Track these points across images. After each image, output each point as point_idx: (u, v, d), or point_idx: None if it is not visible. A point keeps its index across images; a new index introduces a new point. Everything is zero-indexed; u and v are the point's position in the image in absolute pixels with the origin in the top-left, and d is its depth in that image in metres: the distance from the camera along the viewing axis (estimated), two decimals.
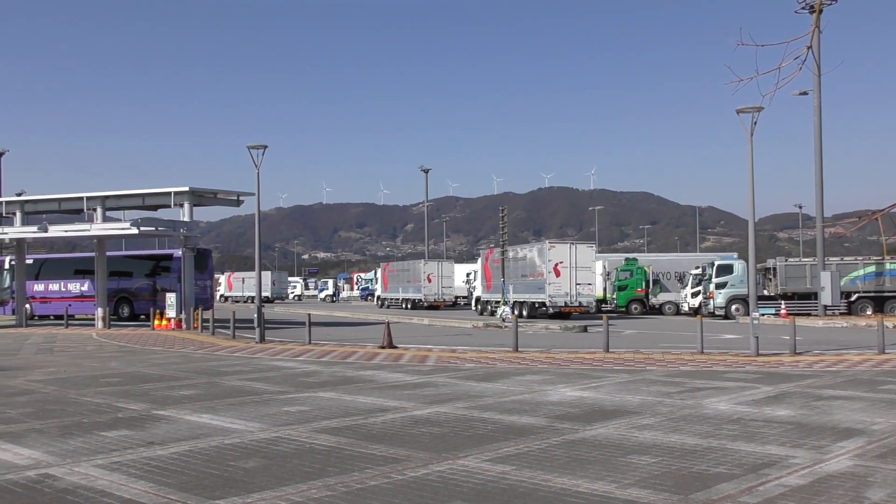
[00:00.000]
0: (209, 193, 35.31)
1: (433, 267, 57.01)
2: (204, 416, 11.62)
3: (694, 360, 18.87)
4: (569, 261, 38.29)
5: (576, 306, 38.51)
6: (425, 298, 56.00)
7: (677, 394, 13.41)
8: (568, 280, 38.11)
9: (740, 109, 20.59)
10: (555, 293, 38.03)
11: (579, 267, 38.46)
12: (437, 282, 56.18)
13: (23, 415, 11.93)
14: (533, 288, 39.61)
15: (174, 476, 7.98)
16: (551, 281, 38.06)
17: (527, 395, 13.45)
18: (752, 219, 21.61)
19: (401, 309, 56.69)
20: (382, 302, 64.09)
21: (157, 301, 37.82)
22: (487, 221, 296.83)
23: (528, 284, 40.21)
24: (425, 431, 10.25)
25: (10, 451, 9.24)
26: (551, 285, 38.11)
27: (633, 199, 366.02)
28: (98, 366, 19.42)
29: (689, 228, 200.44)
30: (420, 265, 57.87)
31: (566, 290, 38.02)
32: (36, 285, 43.39)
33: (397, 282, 60.74)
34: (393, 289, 61.51)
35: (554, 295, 38.14)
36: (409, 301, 57.76)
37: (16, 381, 16.39)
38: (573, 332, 31.20)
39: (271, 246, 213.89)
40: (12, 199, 39.57)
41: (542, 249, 39.42)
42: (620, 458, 8.54)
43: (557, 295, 38.05)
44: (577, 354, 20.65)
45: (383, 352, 21.93)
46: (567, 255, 38.41)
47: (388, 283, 63.04)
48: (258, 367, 18.53)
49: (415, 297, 56.89)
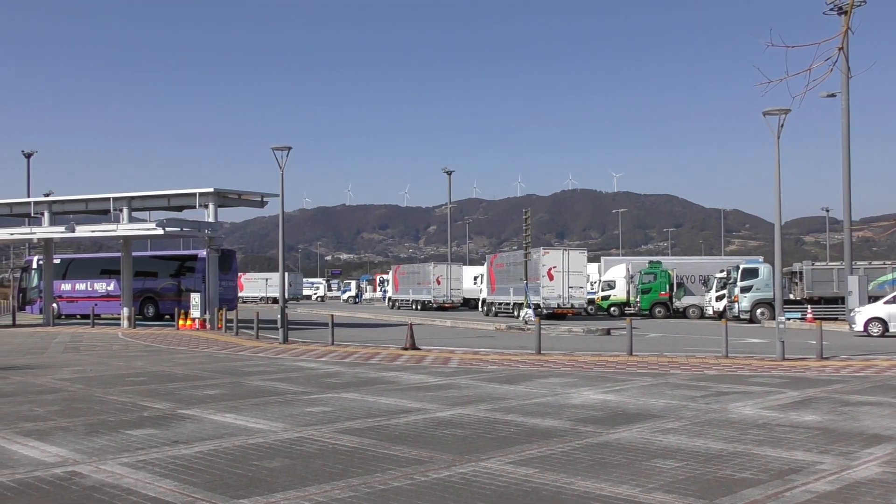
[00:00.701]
0: (233, 194, 35.55)
1: (442, 269, 58.78)
2: (228, 415, 11.69)
3: (718, 363, 18.72)
4: (562, 266, 40.87)
5: (568, 308, 40.91)
6: (434, 300, 57.47)
7: (702, 398, 13.31)
8: (561, 283, 40.68)
9: (767, 111, 20.41)
10: (549, 296, 40.48)
11: (572, 271, 41.07)
12: (446, 284, 57.85)
13: (50, 413, 12.06)
14: (531, 290, 40.91)
15: (199, 475, 8.03)
16: (545, 284, 40.55)
17: (550, 398, 13.41)
18: (778, 222, 21.43)
19: (411, 310, 58.06)
20: (393, 303, 65.66)
21: (182, 301, 38.09)
22: (510, 224, 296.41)
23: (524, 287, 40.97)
24: (448, 433, 10.25)
25: (37, 449, 9.35)
26: (545, 288, 40.57)
27: (657, 202, 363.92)
28: (124, 365, 19.60)
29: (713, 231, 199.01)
30: (430, 268, 59.64)
31: (559, 293, 40.55)
32: (63, 285, 43.84)
33: (408, 284, 62.44)
34: (403, 290, 63.24)
35: (548, 297, 40.61)
36: (418, 302, 59.27)
37: (43, 379, 16.58)
38: (596, 334, 31.08)
39: (294, 247, 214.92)
40: (40, 199, 40.06)
41: (537, 255, 41.00)
42: (644, 462, 8.48)
43: (551, 297, 40.60)
44: (600, 357, 20.56)
45: (406, 353, 21.96)
46: (560, 261, 40.96)
47: (398, 285, 64.93)
48: (282, 368, 18.61)
49: (424, 299, 58.39)
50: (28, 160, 57.40)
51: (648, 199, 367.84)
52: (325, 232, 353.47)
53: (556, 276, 40.83)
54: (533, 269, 41.31)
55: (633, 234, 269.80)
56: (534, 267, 41.28)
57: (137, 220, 36.18)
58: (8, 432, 10.43)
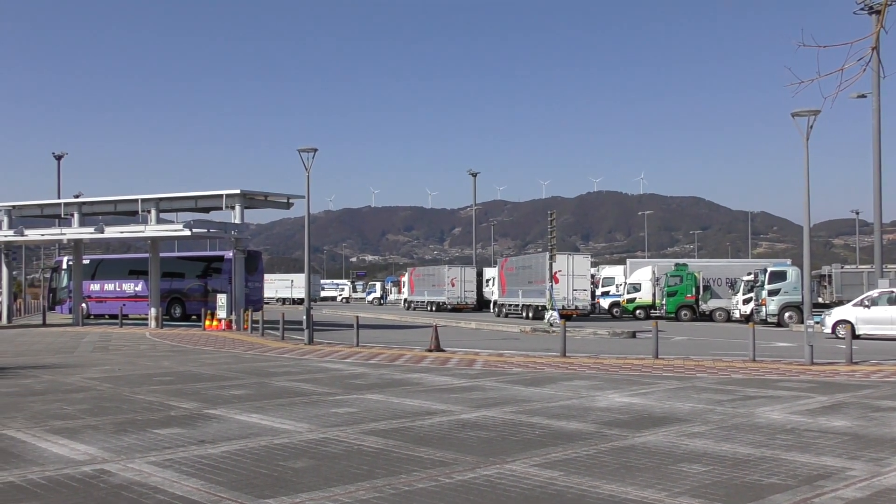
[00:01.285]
0: (260, 196, 35.77)
1: (456, 272, 60.53)
2: (254, 415, 11.76)
3: (746, 367, 18.54)
4: (567, 269, 42.86)
5: (573, 309, 42.77)
6: (448, 301, 58.81)
7: (728, 402, 13.18)
8: (566, 286, 42.72)
9: (796, 113, 20.15)
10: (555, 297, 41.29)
11: (576, 275, 43.23)
12: (461, 286, 59.29)
13: (79, 411, 12.21)
14: (537, 293, 43.05)
15: (224, 474, 8.09)
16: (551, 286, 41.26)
17: (575, 401, 13.35)
18: (807, 224, 21.18)
19: (426, 311, 59.53)
20: (409, 304, 67.16)
21: (209, 302, 38.34)
22: (535, 226, 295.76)
23: (533, 290, 44.14)
24: (473, 435, 10.24)
25: (67, 447, 9.46)
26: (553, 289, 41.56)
27: (684, 204, 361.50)
28: (151, 364, 19.79)
29: (740, 234, 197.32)
30: (444, 270, 61.49)
31: (564, 295, 42.38)
32: (92, 285, 44.33)
33: (423, 286, 64.06)
34: (419, 292, 64.74)
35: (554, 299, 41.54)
36: (433, 304, 60.72)
37: (73, 378, 16.78)
38: (622, 337, 30.90)
39: (320, 248, 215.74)
40: (70, 200, 40.55)
41: (543, 259, 42.51)
42: (670, 466, 8.42)
43: (556, 299, 41.44)
44: (625, 360, 20.44)
45: (431, 355, 21.96)
46: (566, 265, 42.96)
47: (414, 287, 66.44)
48: (307, 369, 18.69)
49: (439, 300, 59.77)
50: (58, 162, 58.04)
51: (675, 201, 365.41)
52: (350, 233, 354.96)
53: (562, 280, 42.60)
54: (540, 272, 43.16)
55: (658, 236, 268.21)
56: (541, 270, 42.94)
57: (165, 222, 36.51)
58: (38, 430, 10.57)
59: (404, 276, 73.31)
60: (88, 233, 36.29)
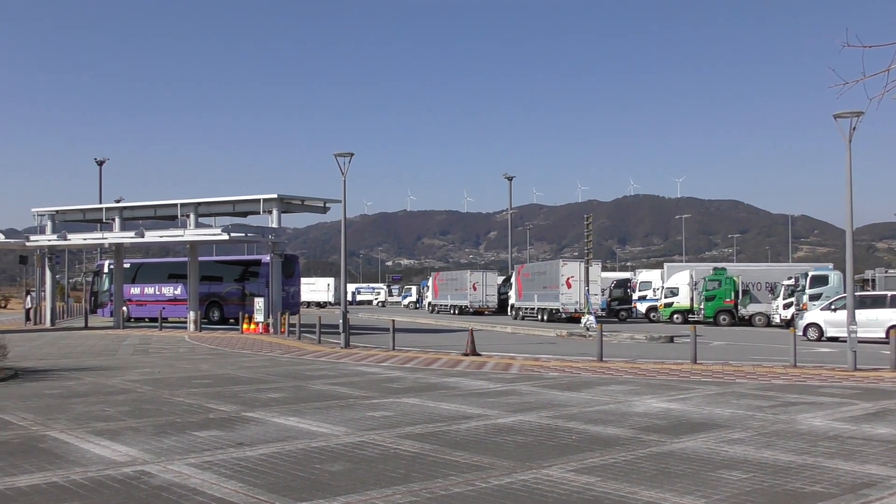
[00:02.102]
0: (297, 200, 36.03)
1: (478, 276, 62.31)
2: (291, 418, 11.83)
3: (787, 373, 18.25)
4: (578, 276, 45.06)
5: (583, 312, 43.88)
6: (471, 305, 60.77)
7: (769, 408, 12.99)
8: (578, 291, 45.05)
9: (838, 115, 19.76)
10: (566, 301, 45.42)
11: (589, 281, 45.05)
12: (482, 290, 61.20)
13: (120, 413, 12.39)
14: (550, 297, 46.68)
15: (262, 477, 8.15)
16: (564, 292, 45.41)
17: (612, 406, 13.25)
18: (849, 228, 20.79)
19: (449, 314, 61.57)
20: (433, 308, 69.04)
21: (246, 305, 38.63)
22: (571, 229, 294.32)
23: (547, 294, 47.29)
24: (509, 440, 10.20)
25: (108, 448, 9.60)
26: (563, 295, 45.42)
27: (722, 208, 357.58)
28: (190, 367, 20.02)
29: (780, 238, 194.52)
30: (466, 275, 63.05)
31: (576, 299, 45.06)
32: (132, 289, 44.97)
33: (446, 290, 66.14)
34: (442, 296, 66.65)
35: (566, 303, 45.49)
36: (456, 307, 62.56)
37: (114, 380, 17.04)
38: (659, 342, 30.61)
39: (356, 252, 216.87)
40: (112, 205, 41.18)
41: (557, 266, 46.66)
42: (710, 473, 8.31)
43: (569, 303, 45.40)
44: (663, 365, 20.24)
45: (466, 359, 21.94)
46: (577, 271, 45.14)
47: (437, 291, 68.44)
48: (343, 372, 18.78)
49: (461, 304, 61.73)
50: (100, 167, 59.06)
51: (713, 204, 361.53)
52: (386, 237, 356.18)
53: (574, 285, 45.34)
54: (553, 278, 46.39)
55: (696, 240, 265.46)
56: (554, 276, 46.23)
57: (203, 226, 36.94)
58: (81, 431, 10.74)
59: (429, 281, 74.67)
60: (129, 237, 36.83)
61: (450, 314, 61.39)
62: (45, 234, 39.78)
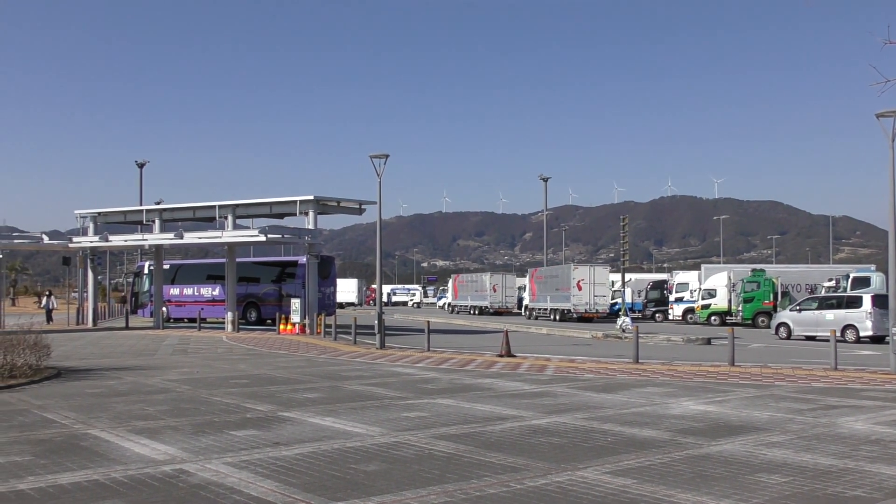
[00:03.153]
0: (333, 202, 36.27)
1: (498, 279, 64.83)
2: (327, 418, 11.91)
3: (827, 376, 17.97)
4: (589, 279, 48.99)
5: (594, 312, 49.10)
6: (491, 306, 62.63)
7: (809, 411, 12.80)
8: (588, 293, 48.92)
9: (881, 114, 19.41)
10: (577, 302, 48.86)
11: (597, 283, 49.32)
12: (502, 291, 63.52)
13: (160, 412, 12.57)
14: (563, 298, 49.94)
15: (298, 476, 8.22)
16: (575, 293, 48.86)
17: (648, 408, 13.15)
18: (892, 228, 20.38)
19: (469, 314, 63.62)
20: (452, 308, 71.27)
21: (283, 306, 38.92)
22: (607, 231, 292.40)
23: (559, 296, 50.67)
24: (544, 441, 10.17)
25: (148, 447, 9.75)
26: (575, 297, 48.89)
27: (761, 209, 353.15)
28: (228, 367, 20.25)
29: (821, 239, 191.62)
30: (486, 277, 65.58)
31: (586, 301, 48.84)
32: (171, 289, 45.53)
33: (466, 291, 68.17)
34: (462, 297, 68.79)
35: (577, 304, 48.89)
36: (476, 308, 64.47)
37: (154, 380, 17.30)
38: (696, 344, 30.30)
39: (391, 254, 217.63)
40: (152, 207, 41.81)
41: (568, 270, 50.52)
42: (748, 476, 8.22)
43: (580, 304, 48.84)
44: (700, 367, 20.04)
45: (501, 360, 21.92)
46: (588, 274, 49.27)
47: (458, 293, 70.73)
48: (378, 373, 18.86)
49: (482, 305, 63.54)
50: (141, 170, 59.93)
51: (751, 205, 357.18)
52: (421, 239, 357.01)
53: (584, 287, 48.94)
54: (565, 280, 49.76)
55: (734, 241, 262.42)
56: (566, 279, 49.63)
57: (241, 227, 37.32)
58: (122, 430, 10.92)
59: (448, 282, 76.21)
60: (169, 239, 37.33)
61: (469, 314, 63.69)
62: (88, 235, 40.49)
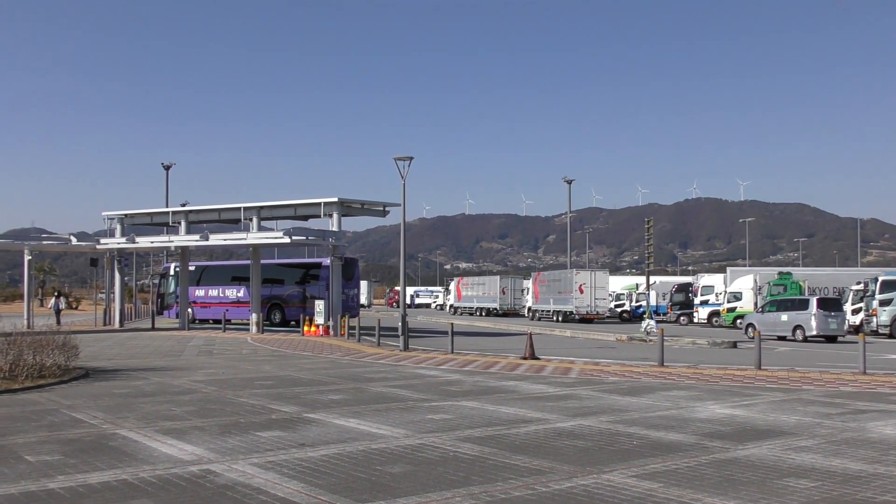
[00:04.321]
0: (357, 204, 36.40)
1: (507, 282, 67.03)
2: (351, 420, 11.95)
3: (856, 380, 17.76)
4: (590, 283, 52.47)
5: (594, 314, 52.63)
6: (500, 307, 64.43)
7: (837, 415, 12.66)
8: (589, 296, 52.42)
9: None
10: (579, 304, 52.31)
11: (597, 287, 52.81)
12: (510, 294, 65.27)
13: (186, 413, 12.67)
14: (565, 301, 53.28)
15: (324, 477, 8.25)
16: (577, 296, 52.26)
17: (674, 411, 13.07)
18: None
19: (475, 316, 64.73)
20: (455, 310, 72.32)
21: (307, 308, 39.10)
22: (631, 233, 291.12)
23: (562, 298, 53.93)
24: (569, 444, 10.14)
25: (175, 447, 9.83)
26: (577, 299, 52.30)
27: (788, 211, 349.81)
28: (252, 368, 20.37)
29: (849, 242, 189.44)
30: (496, 280, 67.86)
31: (587, 303, 52.41)
32: (197, 291, 45.86)
33: (472, 293, 69.94)
34: (468, 299, 70.41)
35: (579, 306, 52.24)
36: (483, 310, 66.11)
37: (180, 380, 17.44)
38: (722, 347, 30.06)
39: (414, 256, 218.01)
40: (178, 209, 42.18)
41: (570, 274, 53.46)
42: (776, 481, 8.14)
43: (581, 306, 52.26)
44: (726, 371, 19.88)
45: (525, 363, 21.87)
46: (588, 279, 52.76)
47: (461, 295, 72.17)
48: (402, 375, 18.89)
49: (489, 307, 65.37)
50: (167, 172, 60.52)
51: (778, 207, 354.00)
52: (444, 241, 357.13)
53: (586, 291, 52.27)
54: (567, 284, 52.93)
55: (760, 244, 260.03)
56: (568, 283, 52.79)
57: (265, 229, 37.56)
58: (149, 430, 11.02)
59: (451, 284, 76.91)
60: (194, 240, 37.63)
61: (477, 316, 64.76)
62: (115, 237, 40.96)
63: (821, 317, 32.74)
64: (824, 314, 32.78)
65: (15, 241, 43.24)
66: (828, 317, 33.03)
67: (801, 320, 33.33)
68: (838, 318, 33.47)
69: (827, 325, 32.71)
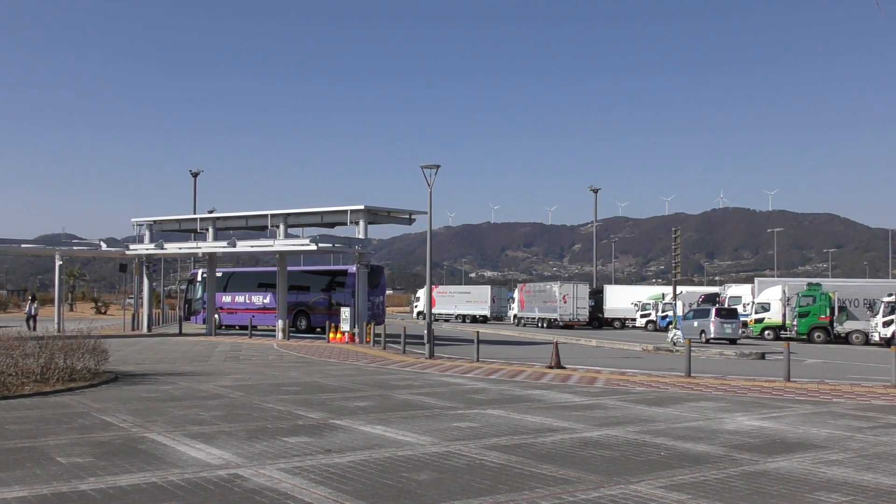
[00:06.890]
0: (383, 212, 36.48)
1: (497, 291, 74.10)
2: (377, 427, 11.97)
3: (888, 393, 17.50)
4: (572, 294, 59.20)
5: (575, 321, 58.79)
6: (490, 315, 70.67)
7: (869, 429, 12.48)
8: (572, 306, 59.03)
9: None
10: (563, 313, 58.66)
11: (578, 297, 59.40)
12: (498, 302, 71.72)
13: (214, 417, 12.76)
14: (550, 310, 59.59)
15: (350, 483, 8.27)
16: (561, 306, 58.76)
17: (701, 422, 12.96)
18: None
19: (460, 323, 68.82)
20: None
21: (333, 315, 39.24)
22: (657, 243, 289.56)
23: (547, 307, 60.24)
24: (596, 454, 10.09)
25: (203, 451, 9.90)
26: (561, 308, 58.75)
27: (817, 222, 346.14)
28: (279, 374, 20.47)
29: (880, 253, 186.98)
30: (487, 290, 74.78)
31: (570, 312, 58.93)
32: (223, 297, 46.16)
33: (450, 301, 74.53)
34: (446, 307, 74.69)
35: (563, 314, 58.54)
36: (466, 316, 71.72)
37: (207, 385, 17.57)
38: (750, 358, 29.76)
39: (439, 264, 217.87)
40: (205, 216, 42.48)
41: (554, 287, 60.52)
42: (807, 495, 8.04)
43: (565, 314, 58.61)
44: (754, 382, 19.67)
45: (551, 372, 21.79)
46: (571, 291, 59.48)
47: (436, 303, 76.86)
48: (428, 382, 18.89)
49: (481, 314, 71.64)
50: (195, 179, 61.03)
51: (807, 217, 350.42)
52: (469, 249, 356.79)
53: (568, 301, 58.85)
54: (552, 296, 59.55)
55: (789, 254, 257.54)
56: (552, 295, 59.52)
57: (292, 236, 37.74)
58: (177, 434, 11.12)
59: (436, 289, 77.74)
60: (222, 247, 37.91)
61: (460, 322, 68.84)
62: (144, 243, 41.34)
63: (718, 323, 39.01)
64: (721, 321, 39.25)
65: (46, 247, 43.85)
66: (724, 323, 39.33)
67: (704, 326, 39.46)
68: (733, 324, 39.51)
69: (723, 330, 38.95)
